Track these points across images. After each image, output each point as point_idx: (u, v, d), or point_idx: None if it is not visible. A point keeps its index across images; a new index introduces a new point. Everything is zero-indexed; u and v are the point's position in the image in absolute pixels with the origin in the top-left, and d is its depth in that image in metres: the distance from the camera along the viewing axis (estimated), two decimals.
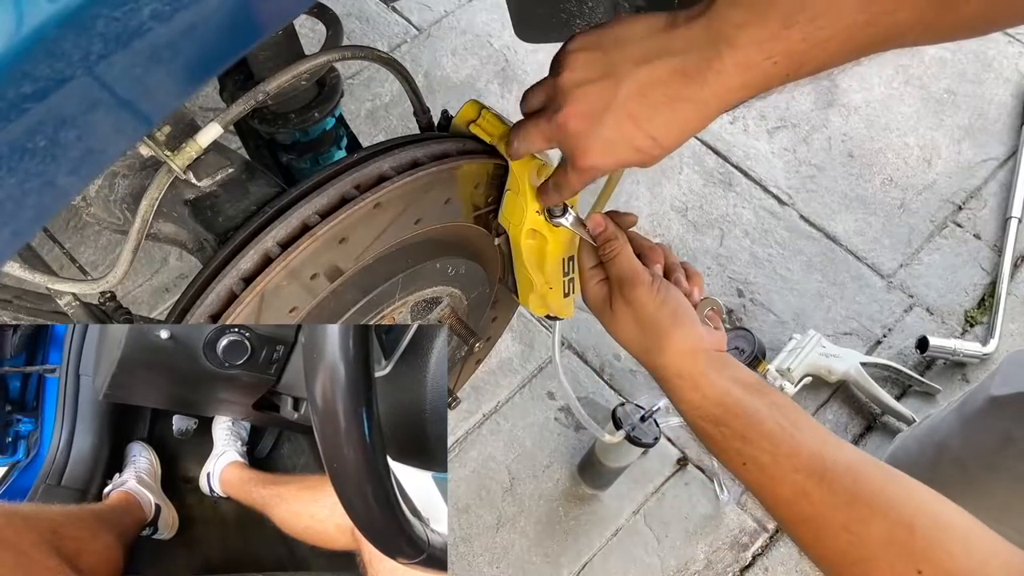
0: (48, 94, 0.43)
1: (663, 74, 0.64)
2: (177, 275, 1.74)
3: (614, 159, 0.71)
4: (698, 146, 2.01)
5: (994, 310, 1.77)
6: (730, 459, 0.75)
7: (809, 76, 0.63)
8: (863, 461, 0.69)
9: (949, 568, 0.61)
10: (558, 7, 1.08)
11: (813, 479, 0.68)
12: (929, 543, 0.63)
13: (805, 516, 0.69)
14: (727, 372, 0.76)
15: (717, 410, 0.74)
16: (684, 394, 0.77)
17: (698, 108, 0.65)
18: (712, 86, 0.63)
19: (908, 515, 0.64)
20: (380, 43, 2.12)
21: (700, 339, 0.78)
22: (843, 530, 0.66)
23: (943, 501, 0.66)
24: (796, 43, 0.59)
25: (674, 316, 0.78)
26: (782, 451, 0.70)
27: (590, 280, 0.86)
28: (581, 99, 0.68)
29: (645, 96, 0.66)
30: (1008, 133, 2.06)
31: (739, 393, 0.74)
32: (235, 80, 0.98)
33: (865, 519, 0.65)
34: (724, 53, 0.61)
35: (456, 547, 1.48)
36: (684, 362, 0.77)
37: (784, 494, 0.70)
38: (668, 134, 0.67)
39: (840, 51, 0.60)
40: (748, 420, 0.72)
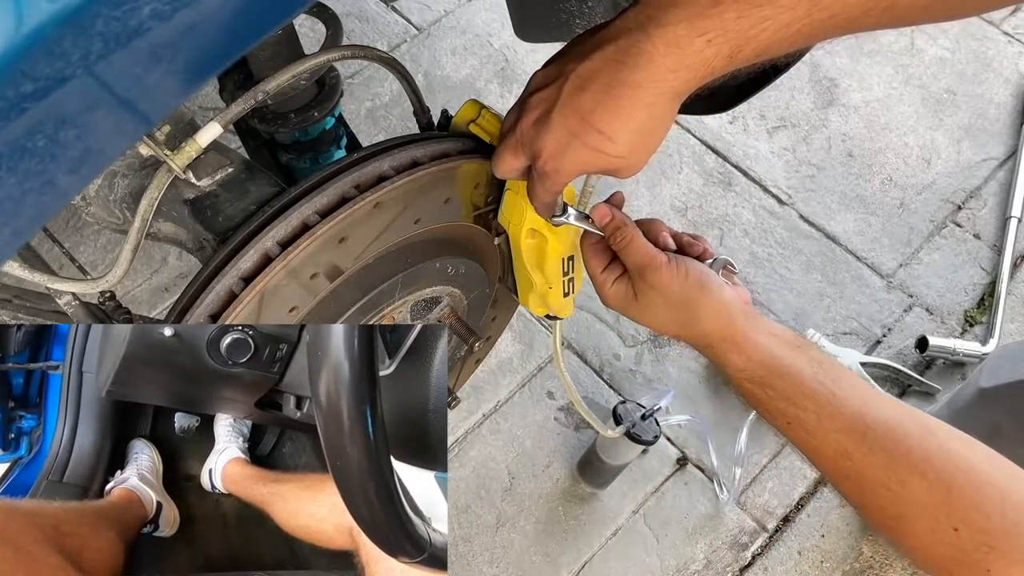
0: (48, 94, 0.43)
1: (599, 63, 0.64)
2: (177, 274, 1.74)
3: (571, 159, 0.69)
4: (698, 146, 2.01)
5: (994, 310, 1.77)
6: (774, 418, 0.77)
7: (759, 60, 0.62)
8: (904, 419, 0.71)
9: (984, 527, 0.65)
10: (558, 7, 1.08)
11: (854, 439, 0.71)
12: (966, 503, 0.66)
13: (848, 474, 0.72)
14: (764, 329, 0.79)
15: (761, 371, 0.77)
16: (729, 358, 0.79)
17: (636, 92, 0.63)
18: (645, 68, 0.62)
19: (947, 475, 0.67)
20: (380, 43, 2.12)
21: (730, 300, 0.79)
22: (883, 488, 0.69)
23: (984, 458, 0.69)
24: (730, 21, 0.58)
25: (700, 285, 0.79)
26: (825, 412, 0.73)
27: (605, 283, 0.85)
28: (533, 106, 0.70)
29: (584, 89, 0.65)
30: (1008, 133, 2.06)
31: (781, 352, 0.76)
32: (235, 80, 0.98)
33: (904, 479, 0.68)
34: (652, 34, 0.60)
35: (456, 546, 1.48)
36: (723, 326, 0.79)
37: (827, 452, 0.73)
38: (613, 125, 0.65)
39: (784, 33, 0.59)
40: (792, 381, 0.75)
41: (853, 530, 1.54)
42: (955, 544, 0.66)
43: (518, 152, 0.73)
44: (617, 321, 1.73)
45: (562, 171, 0.71)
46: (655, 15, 0.61)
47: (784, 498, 1.57)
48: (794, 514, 1.56)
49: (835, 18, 0.58)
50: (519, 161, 0.74)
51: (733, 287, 0.81)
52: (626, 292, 0.83)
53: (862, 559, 1.52)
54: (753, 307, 0.81)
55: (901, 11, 0.58)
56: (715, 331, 0.79)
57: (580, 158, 0.69)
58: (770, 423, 0.79)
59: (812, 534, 1.54)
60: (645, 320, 0.83)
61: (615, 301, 0.85)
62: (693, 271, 0.79)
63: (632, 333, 1.73)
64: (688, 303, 0.79)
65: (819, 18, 0.58)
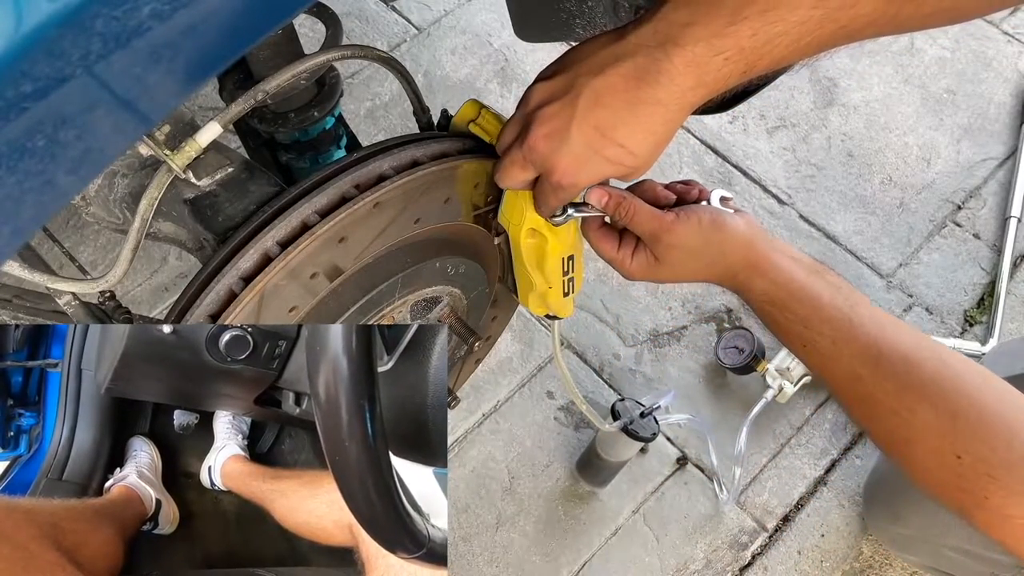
0: (47, 93, 0.43)
1: (617, 80, 0.66)
2: (177, 274, 1.74)
3: (589, 172, 0.72)
4: (698, 145, 2.01)
5: (993, 309, 1.77)
6: (791, 341, 0.80)
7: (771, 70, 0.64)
8: (919, 347, 0.73)
9: (987, 458, 0.67)
10: (557, 6, 1.08)
11: (868, 365, 0.73)
12: (970, 434, 0.69)
13: (859, 396, 0.75)
14: (782, 251, 0.81)
15: (782, 294, 0.79)
16: (752, 283, 0.81)
17: (658, 110, 0.66)
18: (666, 86, 0.64)
19: (953, 405, 0.70)
20: (380, 42, 2.12)
21: (745, 228, 0.81)
22: (892, 413, 0.72)
23: (998, 391, 0.71)
24: (746, 39, 0.61)
25: (713, 224, 0.80)
26: (841, 336, 0.75)
27: (624, 260, 0.85)
28: (545, 120, 0.70)
29: (604, 104, 0.67)
30: (1007, 133, 2.06)
31: (802, 276, 0.79)
32: (235, 79, 0.98)
33: (912, 406, 0.71)
34: (672, 53, 0.63)
35: (455, 546, 1.48)
36: (747, 253, 0.81)
37: (841, 375, 0.76)
38: (635, 139, 0.68)
39: (796, 45, 0.61)
40: (811, 305, 0.77)
41: (853, 530, 1.54)
42: (957, 471, 0.68)
43: (526, 166, 0.75)
44: (617, 321, 1.73)
45: (579, 183, 0.74)
46: (673, 34, 0.62)
47: (784, 498, 1.57)
48: (794, 514, 1.56)
49: (845, 28, 0.60)
50: (527, 174, 0.76)
51: (739, 214, 0.83)
52: (647, 260, 0.84)
53: (862, 559, 1.52)
54: (767, 233, 0.84)
55: (904, 19, 0.61)
56: (739, 260, 0.81)
57: (599, 170, 0.72)
58: (787, 345, 0.81)
59: (812, 534, 1.54)
60: (676, 277, 0.85)
61: (640, 272, 0.85)
62: (701, 215, 0.81)
63: (632, 333, 1.73)
64: (710, 246, 0.80)
65: (829, 30, 0.60)
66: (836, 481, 1.59)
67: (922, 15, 0.60)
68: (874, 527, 1.52)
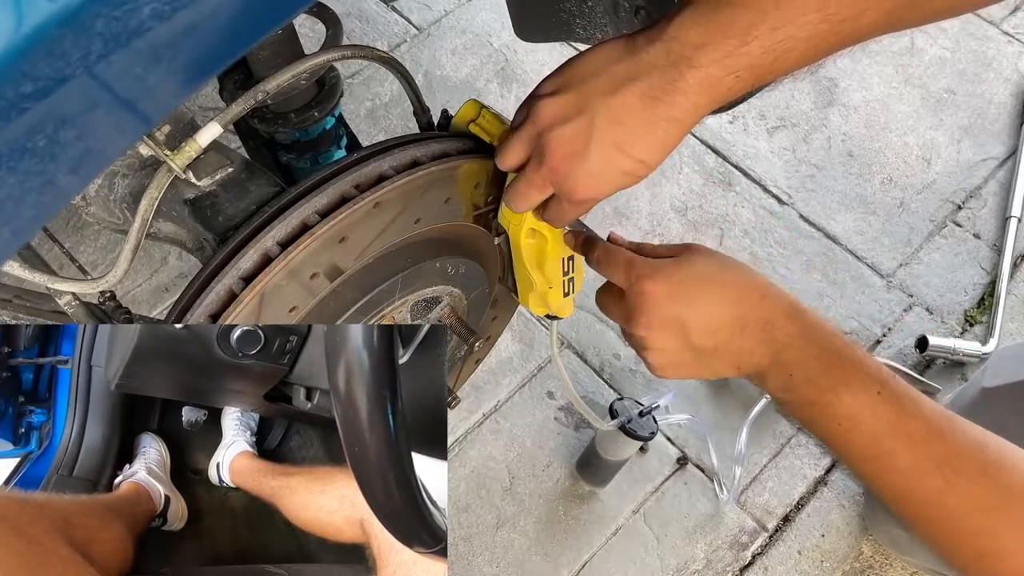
0: (48, 93, 0.43)
1: (634, 100, 0.67)
2: (177, 274, 1.74)
3: (607, 187, 0.73)
4: (698, 145, 2.01)
5: (994, 309, 1.77)
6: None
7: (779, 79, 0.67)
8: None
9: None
10: (558, 7, 1.08)
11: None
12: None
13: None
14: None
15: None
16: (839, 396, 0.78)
17: (673, 125, 0.68)
18: (682, 104, 0.66)
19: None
20: (380, 43, 2.12)
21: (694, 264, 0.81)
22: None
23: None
24: (757, 56, 0.62)
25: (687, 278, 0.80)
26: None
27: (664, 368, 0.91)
28: (562, 141, 0.71)
29: (622, 124, 0.68)
30: (1008, 133, 2.06)
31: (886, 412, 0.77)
32: (235, 80, 0.98)
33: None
34: (687, 74, 0.64)
35: (456, 546, 1.48)
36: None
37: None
38: (652, 153, 0.70)
39: (804, 58, 0.63)
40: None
41: (853, 530, 1.54)
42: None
43: (545, 187, 0.76)
44: None
45: (599, 197, 0.76)
46: (687, 55, 0.64)
47: (784, 498, 1.57)
48: (794, 514, 1.56)
49: (850, 37, 0.62)
50: (541, 196, 0.78)
51: (682, 246, 0.82)
52: (679, 356, 0.87)
53: (862, 559, 1.52)
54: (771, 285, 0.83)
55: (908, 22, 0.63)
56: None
57: (616, 183, 0.73)
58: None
59: (812, 534, 1.54)
60: (725, 365, 0.84)
61: (676, 372, 0.89)
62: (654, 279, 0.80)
63: None
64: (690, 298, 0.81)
65: (835, 41, 0.62)
66: (836, 481, 1.59)
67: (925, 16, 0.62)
68: (874, 528, 1.52)
